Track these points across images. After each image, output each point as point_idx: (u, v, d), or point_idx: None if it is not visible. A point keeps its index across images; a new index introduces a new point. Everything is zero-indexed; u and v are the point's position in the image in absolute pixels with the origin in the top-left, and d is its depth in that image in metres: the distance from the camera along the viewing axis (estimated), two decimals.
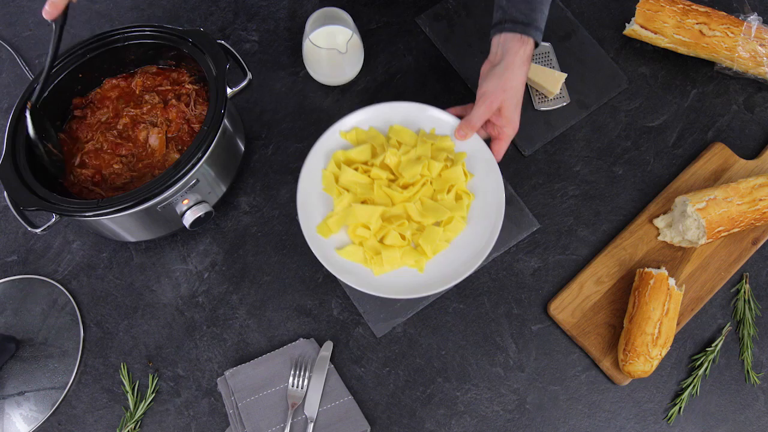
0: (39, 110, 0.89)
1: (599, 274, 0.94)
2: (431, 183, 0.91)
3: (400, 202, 0.90)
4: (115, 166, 0.93)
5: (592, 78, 1.06)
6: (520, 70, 0.87)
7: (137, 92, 0.98)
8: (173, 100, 0.95)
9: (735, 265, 0.94)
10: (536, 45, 0.89)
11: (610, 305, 0.93)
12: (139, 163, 0.93)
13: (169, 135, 0.94)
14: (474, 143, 0.92)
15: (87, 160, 0.94)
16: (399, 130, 0.94)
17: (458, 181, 0.91)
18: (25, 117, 0.88)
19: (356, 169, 0.92)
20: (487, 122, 0.91)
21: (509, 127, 0.90)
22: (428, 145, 0.92)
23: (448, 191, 0.91)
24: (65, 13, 0.85)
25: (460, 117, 0.93)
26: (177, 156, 0.93)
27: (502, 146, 0.91)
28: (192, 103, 0.96)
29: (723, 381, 0.91)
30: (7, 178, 0.85)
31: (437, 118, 0.94)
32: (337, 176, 0.91)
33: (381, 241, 0.89)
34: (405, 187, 0.91)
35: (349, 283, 0.85)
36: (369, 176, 0.92)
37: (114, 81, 0.98)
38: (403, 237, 0.88)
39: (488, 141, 0.92)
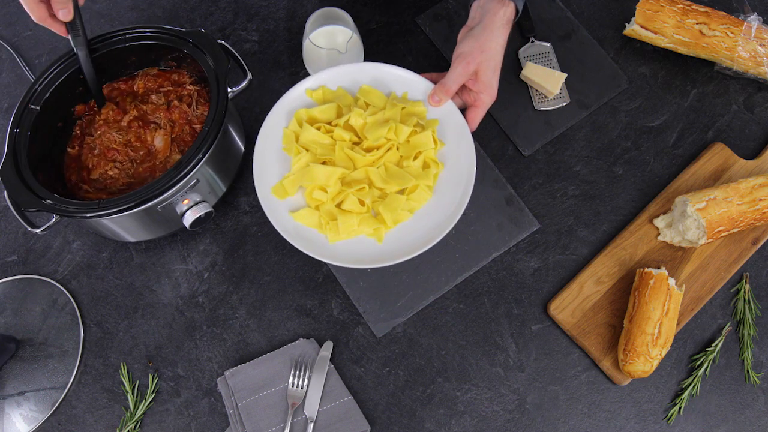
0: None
1: (599, 274, 0.94)
2: (398, 148, 0.86)
3: (363, 166, 0.85)
4: (110, 172, 0.93)
5: (592, 78, 1.06)
6: (499, 32, 0.82)
7: (140, 92, 0.98)
8: (175, 102, 0.96)
9: (735, 265, 0.94)
10: (517, 13, 0.84)
11: (610, 305, 0.93)
12: (139, 168, 0.93)
13: (172, 136, 0.95)
14: (448, 110, 0.87)
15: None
16: (368, 91, 0.89)
17: (427, 148, 0.85)
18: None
19: (319, 129, 0.86)
20: (463, 89, 0.86)
21: (486, 94, 0.84)
22: (398, 108, 0.86)
23: (415, 158, 0.85)
24: (83, 28, 0.85)
25: (436, 83, 0.87)
26: (179, 157, 0.93)
27: (478, 114, 0.86)
28: (194, 104, 0.96)
29: (723, 381, 0.91)
30: (9, 178, 0.85)
31: (410, 82, 0.88)
32: (298, 135, 0.86)
33: (339, 206, 0.84)
34: (369, 150, 0.85)
35: (300, 249, 0.81)
36: (332, 137, 0.86)
37: (114, 85, 0.98)
38: (362, 203, 0.83)
39: (464, 111, 0.88)
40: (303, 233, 0.83)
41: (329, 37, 1.00)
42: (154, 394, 0.91)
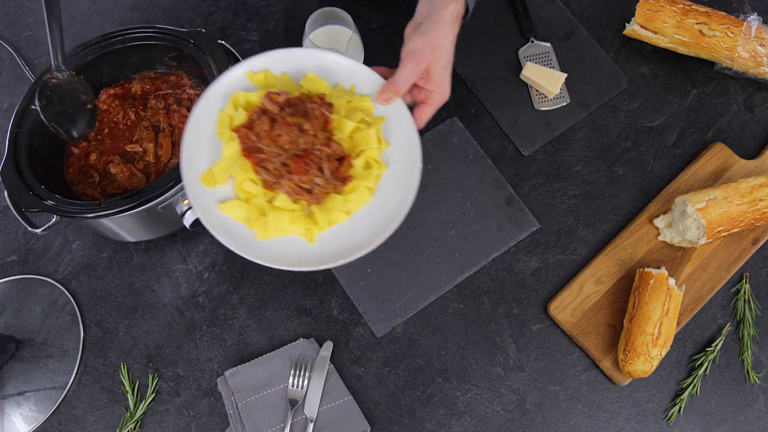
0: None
1: (599, 274, 0.94)
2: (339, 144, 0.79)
3: None
4: (111, 170, 0.93)
5: (592, 78, 1.06)
6: (448, 29, 0.79)
7: (138, 95, 0.98)
8: (174, 105, 0.96)
9: (735, 265, 0.94)
10: (467, 11, 0.81)
11: (610, 305, 0.93)
12: (141, 170, 0.93)
13: (172, 140, 0.95)
14: (396, 108, 0.81)
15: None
16: (314, 79, 0.82)
17: (370, 147, 0.79)
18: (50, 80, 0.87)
19: None
20: (413, 86, 0.82)
21: (438, 92, 0.80)
22: (343, 101, 0.80)
23: (357, 157, 0.79)
24: None
25: (387, 79, 0.82)
26: (176, 161, 0.93)
27: (427, 112, 0.81)
28: None
29: (723, 381, 0.91)
30: (9, 179, 0.85)
31: (359, 75, 0.82)
32: (233, 119, 0.79)
33: (270, 201, 0.77)
34: None
35: (226, 245, 0.74)
36: None
37: (111, 91, 0.98)
38: (293, 201, 0.77)
39: (413, 108, 0.83)
40: (229, 227, 0.76)
41: (329, 37, 1.00)
42: (154, 394, 0.91)
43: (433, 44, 0.78)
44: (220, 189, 0.78)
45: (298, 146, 0.76)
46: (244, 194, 0.77)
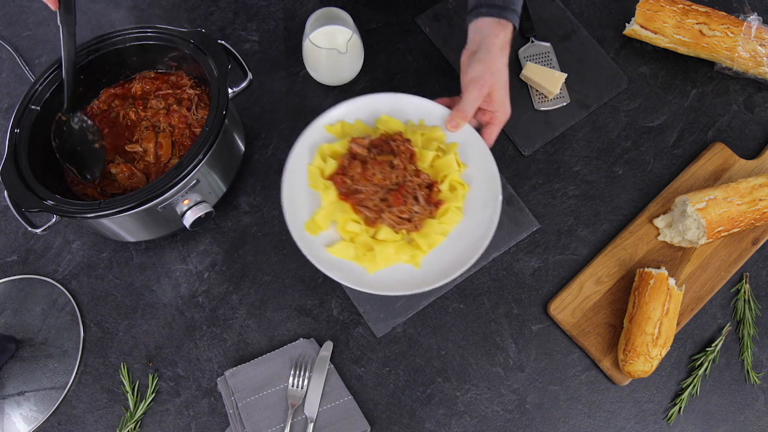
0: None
1: (599, 274, 0.94)
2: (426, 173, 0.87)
3: None
4: (111, 170, 0.93)
5: (592, 78, 1.06)
6: (501, 54, 0.85)
7: (138, 95, 0.98)
8: (174, 105, 0.96)
9: (735, 265, 0.94)
10: (514, 29, 0.86)
11: (610, 305, 0.93)
12: (142, 170, 0.93)
13: (172, 140, 0.94)
14: (465, 133, 0.89)
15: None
16: (387, 120, 0.90)
17: (451, 171, 0.87)
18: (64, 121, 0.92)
19: None
20: (477, 110, 0.88)
21: (501, 112, 0.87)
22: (418, 134, 0.88)
23: (441, 182, 0.87)
24: (73, 13, 0.83)
25: (450, 108, 0.89)
26: (176, 161, 0.93)
27: (494, 131, 0.88)
28: (194, 108, 0.96)
29: (723, 381, 0.91)
30: (9, 178, 0.85)
31: (425, 109, 0.90)
32: (323, 170, 0.87)
33: (373, 236, 0.85)
34: None
35: (343, 283, 0.82)
36: None
37: (112, 90, 0.98)
38: (396, 231, 0.85)
39: (478, 130, 0.90)
40: (341, 267, 0.84)
41: (329, 37, 1.00)
42: (154, 394, 0.91)
43: (491, 69, 0.84)
44: (324, 234, 0.86)
45: (391, 181, 0.84)
46: (348, 234, 0.85)
